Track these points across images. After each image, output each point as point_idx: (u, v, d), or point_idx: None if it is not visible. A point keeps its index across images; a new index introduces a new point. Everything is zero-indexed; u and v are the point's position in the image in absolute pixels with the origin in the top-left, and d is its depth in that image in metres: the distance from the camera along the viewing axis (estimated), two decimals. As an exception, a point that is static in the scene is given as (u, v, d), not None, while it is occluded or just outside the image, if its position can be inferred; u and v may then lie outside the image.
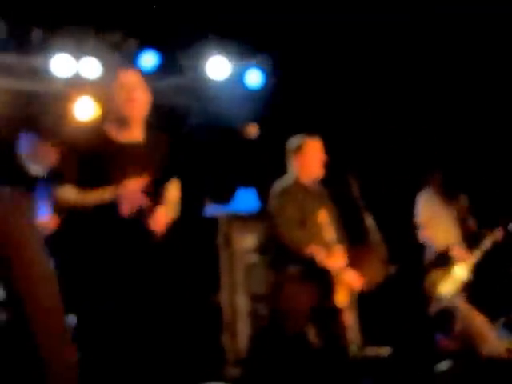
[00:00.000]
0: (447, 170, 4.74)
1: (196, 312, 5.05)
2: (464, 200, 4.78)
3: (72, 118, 4.95)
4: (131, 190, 2.60)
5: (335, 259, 3.66)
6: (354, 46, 5.16)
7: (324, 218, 3.66)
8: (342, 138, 5.01)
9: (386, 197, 5.03)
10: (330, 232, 3.68)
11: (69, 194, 2.68)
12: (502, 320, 4.73)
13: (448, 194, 4.69)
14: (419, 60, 5.12)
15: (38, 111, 4.72)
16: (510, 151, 5.10)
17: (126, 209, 2.58)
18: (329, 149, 3.86)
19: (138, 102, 2.72)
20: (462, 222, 4.72)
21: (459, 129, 5.16)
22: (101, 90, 5.10)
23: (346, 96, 5.31)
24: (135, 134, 2.78)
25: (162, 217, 2.72)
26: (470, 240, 4.68)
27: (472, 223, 4.76)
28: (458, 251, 4.57)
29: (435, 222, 4.63)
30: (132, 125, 2.76)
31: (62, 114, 4.85)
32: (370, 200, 3.80)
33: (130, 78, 2.76)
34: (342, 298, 3.69)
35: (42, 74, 4.86)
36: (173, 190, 2.89)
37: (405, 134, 5.30)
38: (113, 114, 2.76)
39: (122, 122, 2.74)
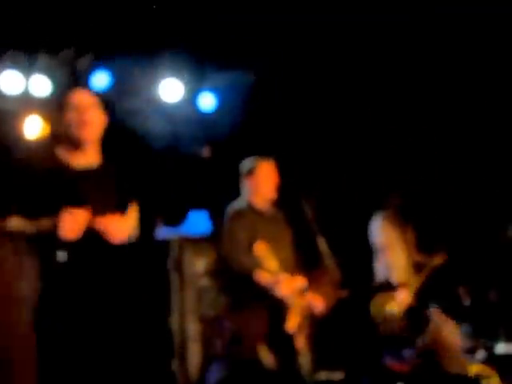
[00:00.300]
0: (405, 194, 4.82)
1: (146, 337, 4.94)
2: (412, 228, 4.87)
3: (20, 137, 4.83)
4: (68, 218, 2.50)
5: (283, 285, 3.65)
6: (304, 73, 5.24)
7: (261, 249, 3.61)
8: (296, 161, 5.04)
9: (340, 220, 5.08)
10: (271, 262, 3.64)
11: (16, 224, 2.56)
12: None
13: (401, 220, 4.77)
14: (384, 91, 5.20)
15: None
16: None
17: (68, 231, 2.50)
18: (282, 171, 3.87)
19: (91, 124, 2.62)
20: (411, 247, 4.81)
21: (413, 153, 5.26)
22: (50, 109, 5.01)
23: (299, 117, 5.37)
24: (90, 158, 2.68)
25: (117, 225, 2.63)
26: (417, 265, 4.77)
27: (416, 250, 4.86)
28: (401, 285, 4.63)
29: (391, 246, 4.69)
30: (86, 148, 2.65)
31: (10, 133, 4.73)
32: (325, 223, 3.81)
33: (82, 98, 2.65)
34: (292, 324, 3.68)
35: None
36: (132, 213, 2.80)
37: (359, 157, 5.38)
38: (65, 136, 2.64)
39: (75, 145, 2.64)
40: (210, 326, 4.98)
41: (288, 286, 3.65)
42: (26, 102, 4.83)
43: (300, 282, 3.71)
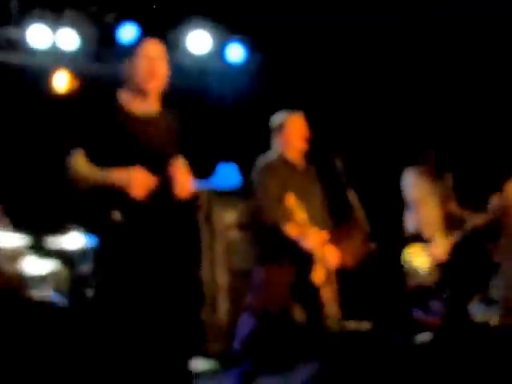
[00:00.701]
0: (440, 149, 4.74)
1: (177, 287, 5.05)
2: (449, 179, 4.81)
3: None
4: (140, 177, 2.58)
5: (310, 238, 3.67)
6: (337, 27, 5.13)
7: (291, 201, 3.61)
8: (328, 115, 4.99)
9: (370, 175, 5.04)
10: (300, 214, 3.65)
11: (80, 166, 2.61)
12: (478, 296, 4.82)
13: (436, 173, 4.72)
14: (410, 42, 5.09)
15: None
16: (498, 136, 5.13)
17: (138, 193, 2.58)
18: (313, 125, 3.84)
19: (159, 76, 2.67)
20: (446, 201, 4.76)
21: (451, 110, 5.16)
22: (78, 63, 5.02)
23: (330, 73, 5.29)
24: (152, 106, 2.74)
25: (186, 182, 2.80)
26: (453, 220, 4.72)
27: (455, 203, 4.80)
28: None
29: (423, 201, 4.66)
30: (150, 97, 2.71)
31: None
32: (355, 177, 3.80)
33: (153, 48, 2.67)
34: (318, 276, 3.71)
35: (20, 45, 4.75)
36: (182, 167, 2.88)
37: (391, 114, 5.30)
38: (132, 83, 2.67)
39: (141, 93, 2.68)
40: (240, 277, 5.06)
41: (315, 239, 3.68)
42: (54, 56, 4.84)
43: (325, 235, 3.73)
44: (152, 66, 2.63)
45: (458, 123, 5.13)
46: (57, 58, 4.83)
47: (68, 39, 4.86)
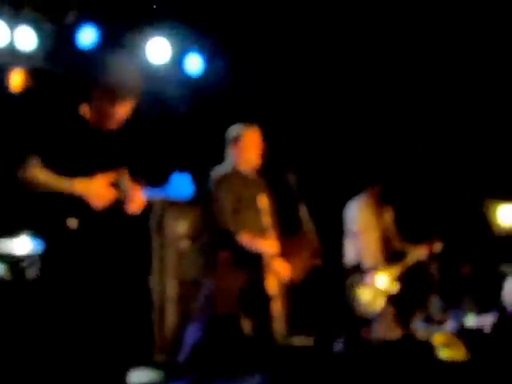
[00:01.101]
0: (387, 182, 4.83)
1: (126, 295, 4.98)
2: (390, 212, 4.89)
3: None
4: (100, 186, 2.69)
5: (269, 244, 3.72)
6: (295, 38, 5.19)
7: (264, 203, 3.71)
8: (283, 129, 5.05)
9: (321, 192, 5.11)
10: (266, 218, 3.73)
11: (39, 172, 2.66)
12: (420, 315, 4.94)
13: (379, 205, 4.80)
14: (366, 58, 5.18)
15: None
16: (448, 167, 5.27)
17: (98, 203, 2.69)
18: (268, 138, 3.89)
19: (120, 120, 2.85)
20: (387, 234, 4.83)
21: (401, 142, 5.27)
22: (35, 62, 4.94)
23: (289, 87, 5.34)
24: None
25: (139, 199, 2.93)
26: (393, 252, 4.82)
27: (395, 236, 4.89)
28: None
29: (365, 231, 4.72)
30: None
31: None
32: (306, 193, 3.86)
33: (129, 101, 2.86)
34: (272, 285, 3.75)
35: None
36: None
37: (351, 137, 5.38)
38: (94, 109, 2.80)
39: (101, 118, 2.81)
40: (189, 288, 5.05)
41: (274, 245, 3.73)
42: (12, 56, 4.75)
43: (275, 247, 3.78)
44: (114, 114, 2.80)
45: (404, 158, 5.24)
46: (14, 56, 4.74)
47: (26, 38, 4.78)
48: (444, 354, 4.15)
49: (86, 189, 2.66)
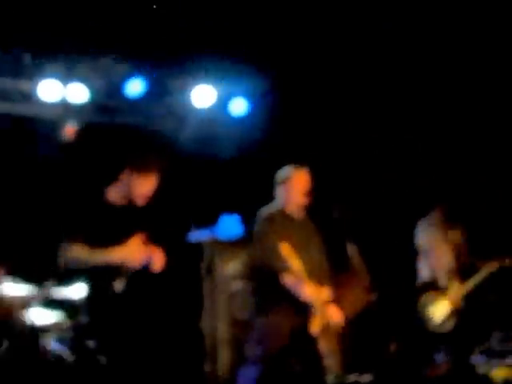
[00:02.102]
0: (451, 202, 4.80)
1: (179, 339, 5.03)
2: (461, 230, 4.85)
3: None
4: (135, 248, 3.07)
5: (307, 287, 3.70)
6: (340, 76, 5.25)
7: (286, 250, 3.68)
8: (330, 166, 5.06)
9: (374, 226, 5.07)
10: (295, 262, 3.70)
11: (78, 252, 3.06)
12: (480, 348, 4.80)
13: (448, 224, 4.77)
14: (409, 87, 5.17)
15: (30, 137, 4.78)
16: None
17: (136, 263, 3.07)
18: (316, 176, 3.92)
19: (145, 192, 3.20)
20: (458, 251, 4.79)
21: (463, 160, 5.20)
22: (87, 115, 5.16)
23: (335, 126, 5.37)
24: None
25: (160, 257, 3.18)
26: (465, 270, 4.74)
27: (466, 254, 4.83)
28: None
29: (437, 249, 4.71)
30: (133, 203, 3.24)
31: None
32: (357, 229, 3.85)
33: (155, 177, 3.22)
34: (315, 327, 3.72)
35: (31, 98, 4.90)
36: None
37: (398, 167, 5.35)
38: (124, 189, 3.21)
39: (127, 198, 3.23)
40: (241, 328, 5.05)
41: (311, 289, 3.70)
42: (65, 109, 4.97)
43: (326, 291, 3.75)
44: (150, 190, 3.19)
45: (467, 176, 5.16)
46: (66, 110, 4.97)
47: (78, 92, 5.01)
48: None
49: (124, 254, 3.05)
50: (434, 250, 4.68)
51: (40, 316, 4.58)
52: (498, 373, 4.26)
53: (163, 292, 3.26)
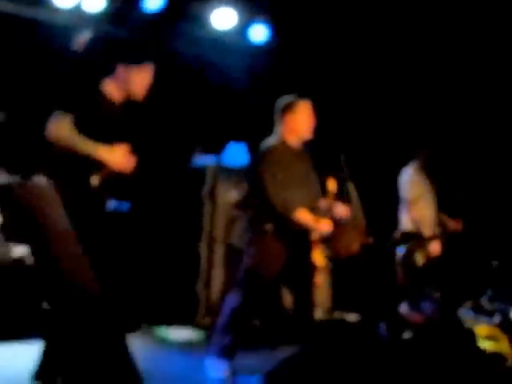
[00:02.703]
0: (433, 149, 4.75)
1: (175, 258, 5.14)
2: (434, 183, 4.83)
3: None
4: (120, 153, 3.01)
5: (325, 225, 3.71)
6: (362, 15, 5.09)
7: (332, 186, 3.71)
8: (335, 106, 4.98)
9: (369, 169, 5.04)
10: (330, 200, 3.72)
11: (66, 129, 2.94)
12: (469, 303, 4.85)
13: (428, 173, 4.74)
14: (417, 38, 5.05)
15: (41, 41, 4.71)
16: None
17: (117, 167, 3.01)
18: (319, 114, 3.84)
19: (145, 91, 3.18)
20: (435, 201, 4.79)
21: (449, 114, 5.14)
22: (101, 25, 5.06)
23: (345, 64, 5.25)
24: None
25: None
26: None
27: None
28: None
29: (422, 199, 4.68)
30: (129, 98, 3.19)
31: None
32: (354, 171, 3.81)
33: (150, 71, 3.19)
34: (318, 258, 3.76)
35: (43, 1, 4.80)
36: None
37: (396, 111, 5.28)
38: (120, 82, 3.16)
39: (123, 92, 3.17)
40: (236, 254, 5.12)
41: (326, 228, 3.70)
42: (78, 17, 4.88)
43: (330, 227, 3.76)
44: (144, 84, 3.15)
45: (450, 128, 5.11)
46: (80, 18, 4.87)
47: (94, 0, 4.90)
48: (486, 345, 4.06)
49: (109, 154, 2.98)
50: (419, 200, 4.64)
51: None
52: (482, 330, 4.31)
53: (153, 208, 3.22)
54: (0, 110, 4.54)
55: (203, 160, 5.33)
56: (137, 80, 3.15)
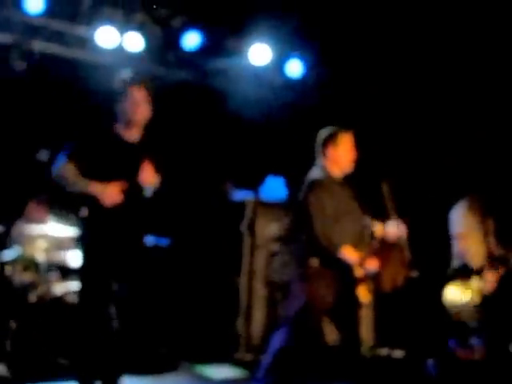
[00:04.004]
0: (486, 190, 4.68)
1: (214, 294, 5.10)
2: (493, 221, 4.74)
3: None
4: (111, 191, 3.26)
5: (372, 263, 3.65)
6: (400, 45, 5.08)
7: (380, 231, 3.67)
8: (379, 138, 4.95)
9: (417, 203, 4.97)
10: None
11: (69, 171, 3.31)
12: None
13: (481, 213, 4.65)
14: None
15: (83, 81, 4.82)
16: None
17: (107, 203, 3.27)
18: (362, 145, 3.81)
19: (139, 115, 3.38)
20: (489, 239, 4.69)
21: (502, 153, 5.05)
22: (142, 64, 5.16)
23: (389, 97, 5.22)
24: (135, 135, 3.44)
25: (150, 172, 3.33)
26: (495, 258, 4.64)
27: (496, 243, 4.73)
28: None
29: (470, 235, 4.61)
30: (134, 128, 3.43)
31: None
32: (401, 204, 3.75)
33: (137, 94, 3.40)
34: (363, 294, 3.69)
35: (88, 43, 4.92)
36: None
37: (450, 147, 5.21)
38: (122, 119, 3.41)
39: (125, 126, 3.41)
40: (277, 290, 5.07)
41: (373, 266, 3.65)
42: (120, 57, 4.98)
43: (376, 265, 3.70)
44: (134, 108, 3.35)
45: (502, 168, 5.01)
46: (122, 58, 4.97)
47: (134, 41, 5.00)
48: None
49: (99, 191, 3.25)
50: (468, 236, 4.57)
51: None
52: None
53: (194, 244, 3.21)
54: (44, 148, 4.62)
55: (243, 194, 5.33)
56: (125, 108, 3.36)
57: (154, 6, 4.82)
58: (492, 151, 5.07)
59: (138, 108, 3.35)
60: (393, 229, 3.75)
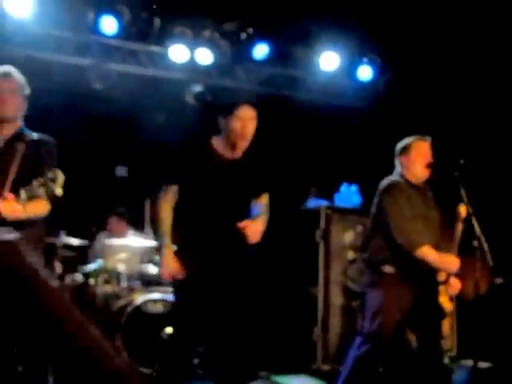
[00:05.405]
0: None
1: (290, 303, 5.09)
2: None
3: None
4: (170, 261, 3.12)
5: (453, 262, 3.54)
6: (471, 47, 4.93)
7: (463, 212, 3.56)
8: (455, 141, 4.80)
9: (497, 205, 4.78)
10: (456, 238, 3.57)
11: (163, 212, 3.16)
12: None
13: None
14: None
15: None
16: None
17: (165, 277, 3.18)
18: (438, 149, 3.73)
19: (248, 135, 3.17)
20: None
21: None
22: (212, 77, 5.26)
23: (462, 100, 5.07)
24: (237, 152, 3.23)
25: (258, 229, 3.18)
26: None
27: None
28: None
29: None
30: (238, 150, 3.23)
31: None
32: (480, 207, 3.62)
33: (246, 112, 3.16)
34: (446, 302, 3.57)
35: (161, 60, 5.07)
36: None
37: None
38: (225, 137, 3.19)
39: (229, 144, 3.20)
40: (355, 299, 5.00)
41: (454, 265, 3.54)
42: (192, 70, 5.10)
43: (457, 264, 3.58)
44: (243, 127, 3.13)
45: None
46: (193, 72, 5.09)
47: (204, 56, 5.11)
48: None
49: (165, 260, 3.12)
50: None
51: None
52: None
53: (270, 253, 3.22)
54: (122, 165, 4.78)
55: (317, 202, 5.31)
56: (235, 127, 3.13)
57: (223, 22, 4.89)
58: None
59: (246, 128, 3.15)
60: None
